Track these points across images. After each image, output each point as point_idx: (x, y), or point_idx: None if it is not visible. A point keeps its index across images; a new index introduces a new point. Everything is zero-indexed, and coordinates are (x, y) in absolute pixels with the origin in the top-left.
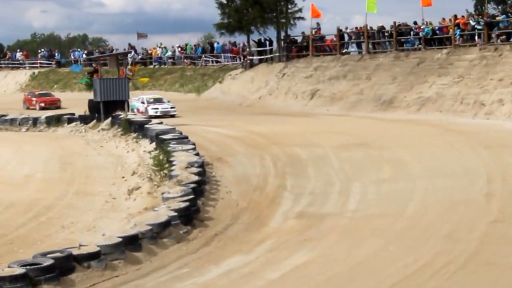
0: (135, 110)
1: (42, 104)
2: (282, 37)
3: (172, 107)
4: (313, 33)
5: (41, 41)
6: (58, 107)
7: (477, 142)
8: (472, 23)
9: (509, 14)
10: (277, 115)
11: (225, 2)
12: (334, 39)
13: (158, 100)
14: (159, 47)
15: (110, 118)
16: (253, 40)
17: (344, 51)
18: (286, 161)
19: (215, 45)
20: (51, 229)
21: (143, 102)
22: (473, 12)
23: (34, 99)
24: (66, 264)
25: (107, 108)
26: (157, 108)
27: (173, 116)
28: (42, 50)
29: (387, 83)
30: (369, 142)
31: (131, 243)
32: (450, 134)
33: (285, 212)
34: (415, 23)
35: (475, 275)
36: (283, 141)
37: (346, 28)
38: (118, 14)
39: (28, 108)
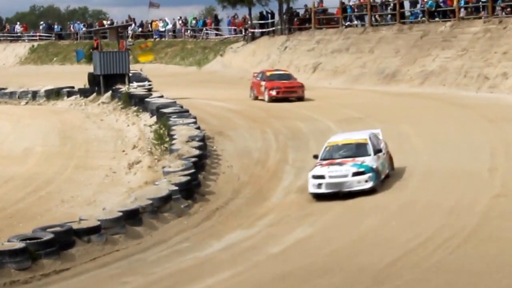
0: None
1: (274, 93)
2: (284, 10)
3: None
4: (316, 5)
5: (40, 14)
6: (301, 98)
7: (480, 116)
8: None
9: None
10: None
11: None
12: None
13: None
14: (160, 20)
15: (110, 92)
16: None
17: (347, 24)
18: (288, 135)
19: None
20: (50, 203)
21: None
22: None
23: (263, 83)
24: (66, 238)
25: (107, 82)
26: None
27: None
28: (42, 23)
29: (390, 56)
30: (371, 116)
31: (132, 217)
32: (453, 107)
33: (286, 186)
34: None
35: (478, 249)
36: (285, 114)
37: (349, 1)
38: None
39: (256, 98)
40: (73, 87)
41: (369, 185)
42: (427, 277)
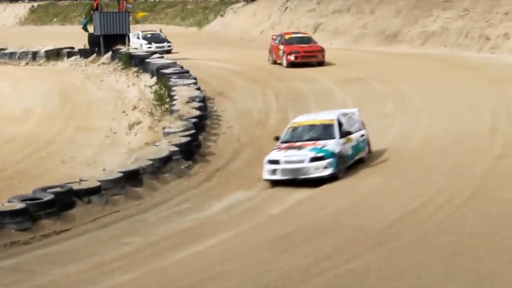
0: None
1: (292, 58)
2: None
3: None
4: None
5: None
6: (321, 62)
7: (482, 77)
8: None
9: None
10: None
11: None
12: None
13: None
14: None
15: (110, 52)
16: None
17: None
18: (288, 96)
19: None
20: (51, 164)
21: None
22: None
23: (281, 47)
24: (67, 199)
25: (107, 42)
26: None
27: None
28: None
29: (391, 16)
30: (372, 76)
31: (132, 178)
32: (454, 68)
33: None
34: None
35: (478, 210)
36: (286, 75)
37: None
38: None
39: (275, 62)
40: (73, 48)
41: (328, 171)
42: (427, 238)
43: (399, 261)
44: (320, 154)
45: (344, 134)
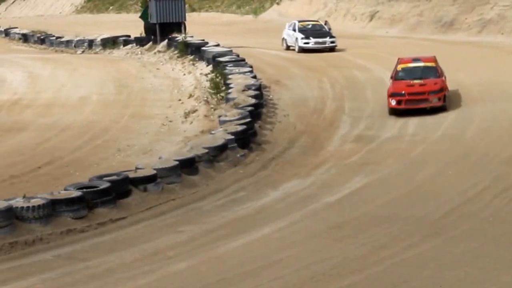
0: None
1: (393, 103)
2: None
3: None
4: None
5: None
6: (442, 108)
7: None
8: None
9: None
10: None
11: None
12: None
13: None
14: None
15: (166, 40)
16: None
17: None
18: (344, 84)
19: None
20: (107, 152)
21: None
22: None
23: (390, 82)
24: (123, 187)
25: (163, 30)
26: None
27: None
28: None
29: (447, 4)
30: None
31: (188, 166)
32: (511, 56)
33: (343, 135)
34: None
35: None
36: (341, 63)
37: None
38: None
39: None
40: (129, 36)
41: None
42: (484, 227)
43: (455, 251)
44: None
45: None
